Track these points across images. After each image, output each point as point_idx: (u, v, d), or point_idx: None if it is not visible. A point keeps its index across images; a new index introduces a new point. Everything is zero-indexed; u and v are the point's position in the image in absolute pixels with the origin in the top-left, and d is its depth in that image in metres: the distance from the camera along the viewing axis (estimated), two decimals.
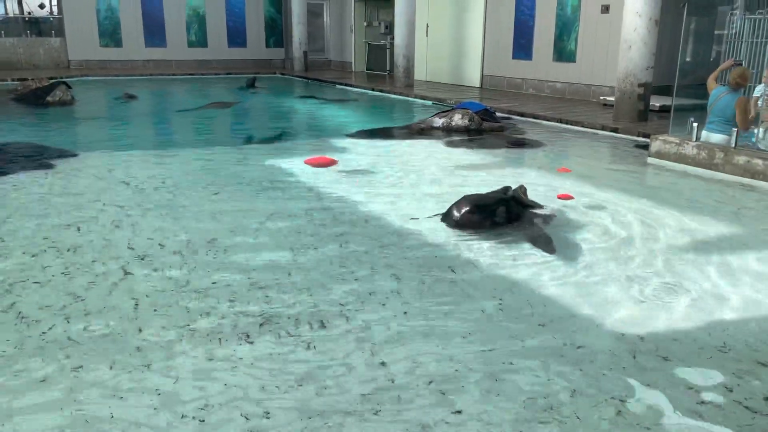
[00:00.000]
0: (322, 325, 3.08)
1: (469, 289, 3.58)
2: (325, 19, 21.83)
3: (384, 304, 3.34)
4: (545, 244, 4.26)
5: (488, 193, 4.95)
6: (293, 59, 20.36)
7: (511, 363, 2.77)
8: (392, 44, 16.82)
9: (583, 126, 9.44)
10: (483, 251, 4.17)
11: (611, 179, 6.54)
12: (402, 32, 14.61)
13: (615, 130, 8.98)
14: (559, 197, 5.48)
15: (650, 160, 7.20)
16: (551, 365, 2.76)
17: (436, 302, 3.38)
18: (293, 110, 12.55)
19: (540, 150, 7.96)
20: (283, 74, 19.98)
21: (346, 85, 16.41)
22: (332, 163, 6.79)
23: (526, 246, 4.25)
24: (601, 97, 11.67)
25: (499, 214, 4.63)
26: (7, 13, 20.21)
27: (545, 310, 3.32)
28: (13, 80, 14.79)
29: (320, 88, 16.32)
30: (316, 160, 6.83)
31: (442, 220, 4.70)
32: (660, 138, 7.14)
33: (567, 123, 9.71)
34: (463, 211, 4.63)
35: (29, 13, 20.31)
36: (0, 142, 7.37)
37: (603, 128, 9.15)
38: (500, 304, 3.38)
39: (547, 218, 4.83)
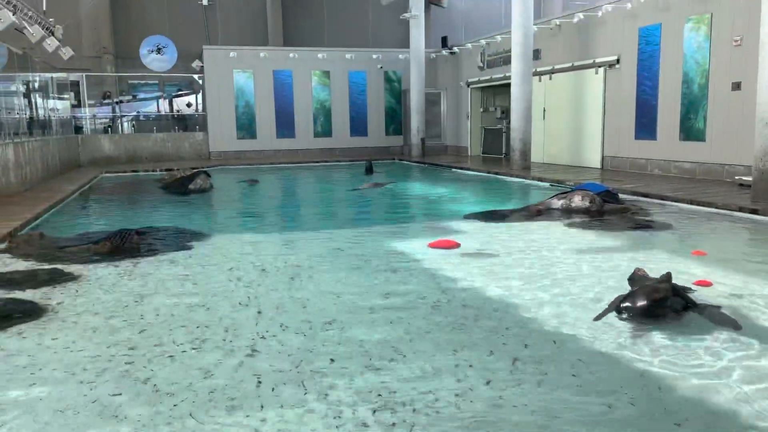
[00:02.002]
0: (438, 414, 3.00)
1: (594, 379, 3.35)
2: (442, 107, 22.59)
3: (501, 396, 3.20)
4: (715, 336, 3.94)
5: (657, 285, 4.55)
6: (411, 145, 21.09)
7: None
8: (508, 128, 16.98)
9: (716, 207, 8.82)
10: (633, 341, 3.92)
11: (755, 264, 5.99)
12: (518, 116, 14.74)
13: (754, 212, 8.30)
14: (696, 283, 5.08)
15: None
16: None
17: (559, 397, 3.19)
18: (412, 193, 12.83)
19: (670, 232, 7.51)
20: (401, 160, 20.67)
21: (462, 168, 16.64)
22: (455, 246, 6.79)
23: (700, 340, 3.91)
24: (736, 177, 10.92)
25: (671, 306, 4.31)
26: (159, 112, 22.83)
27: (686, 407, 3.03)
28: (161, 170, 16.49)
29: (437, 172, 16.65)
30: (439, 243, 6.85)
31: (619, 313, 4.31)
32: None
33: (698, 204, 9.12)
34: (640, 304, 4.27)
35: (178, 111, 22.83)
36: (148, 226, 8.12)
37: (740, 210, 8.50)
38: (631, 399, 3.13)
39: (710, 308, 4.45)
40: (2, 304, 4.79)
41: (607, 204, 8.87)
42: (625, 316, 4.26)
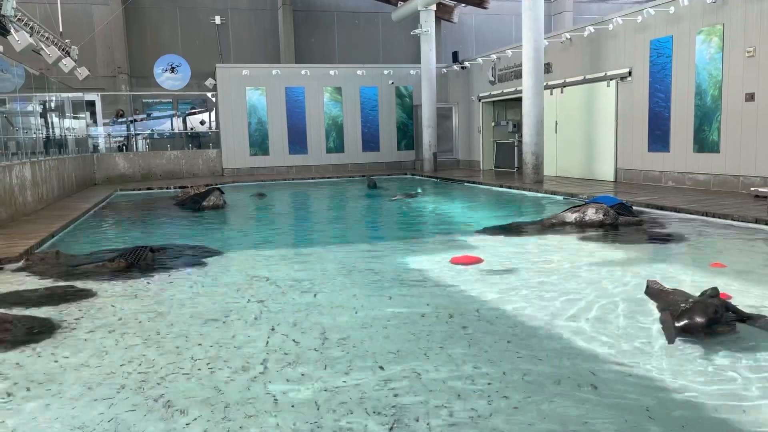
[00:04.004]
0: (453, 430, 2.97)
1: (611, 393, 3.31)
2: (453, 122, 22.64)
3: (516, 410, 3.16)
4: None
5: (708, 301, 4.37)
6: (423, 160, 21.12)
7: None
8: (520, 142, 16.96)
9: (732, 219, 8.72)
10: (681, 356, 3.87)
11: None
12: (530, 130, 14.72)
13: None
14: None
15: None
16: None
17: (574, 411, 3.15)
18: (426, 207, 12.82)
19: (686, 245, 7.44)
20: (413, 175, 20.70)
21: (474, 182, 16.62)
22: (478, 261, 6.72)
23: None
24: (752, 189, 10.80)
25: (726, 320, 4.21)
26: (173, 130, 23.07)
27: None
28: (175, 188, 16.62)
29: (450, 186, 16.63)
30: (462, 258, 6.78)
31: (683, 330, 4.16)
32: None
33: (714, 216, 9.03)
34: (699, 321, 4.13)
35: (191, 129, 23.05)
36: (162, 243, 8.16)
37: (757, 221, 8.40)
38: (647, 410, 3.08)
39: (765, 319, 4.34)
40: (19, 321, 4.82)
41: (621, 217, 8.81)
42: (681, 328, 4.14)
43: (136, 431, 3.04)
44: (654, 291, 4.96)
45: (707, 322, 4.10)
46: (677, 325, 4.17)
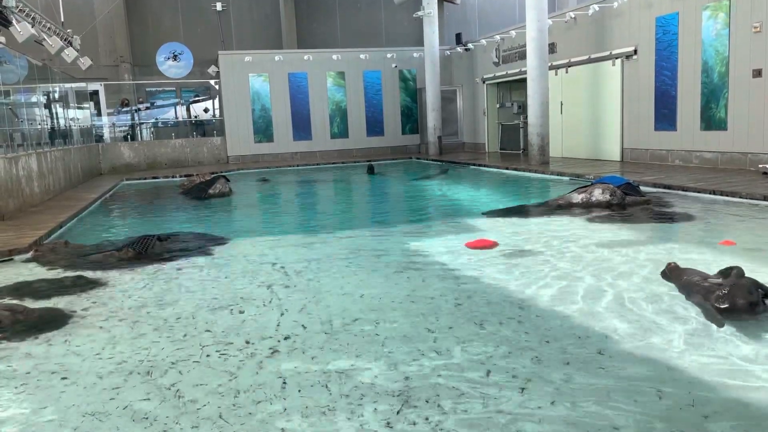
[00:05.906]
0: (463, 411, 2.99)
1: (622, 373, 3.32)
2: (458, 104, 22.51)
3: (525, 388, 3.18)
4: None
5: (743, 282, 4.28)
6: (428, 144, 21.06)
7: None
8: (526, 123, 16.87)
9: (740, 197, 8.67)
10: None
11: None
12: (535, 111, 14.63)
13: None
14: None
15: None
16: None
17: (584, 394, 3.16)
18: (431, 191, 12.81)
19: (694, 224, 7.40)
20: (418, 158, 20.64)
21: (480, 165, 16.56)
22: (493, 245, 6.65)
23: None
24: (760, 166, 10.73)
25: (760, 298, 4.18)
26: (177, 119, 23.05)
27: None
28: (180, 176, 16.65)
29: (455, 170, 16.59)
30: (477, 242, 6.75)
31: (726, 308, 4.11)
32: None
33: (721, 194, 8.98)
34: (741, 302, 4.10)
35: (195, 117, 23.03)
36: (169, 232, 8.19)
37: (765, 198, 8.34)
38: (660, 392, 3.09)
39: None
40: (30, 311, 4.86)
41: (628, 197, 8.76)
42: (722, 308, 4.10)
43: (149, 418, 3.07)
44: (671, 272, 4.92)
45: (749, 304, 4.08)
46: (720, 308, 4.12)
